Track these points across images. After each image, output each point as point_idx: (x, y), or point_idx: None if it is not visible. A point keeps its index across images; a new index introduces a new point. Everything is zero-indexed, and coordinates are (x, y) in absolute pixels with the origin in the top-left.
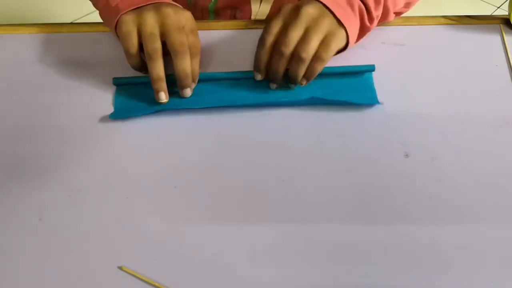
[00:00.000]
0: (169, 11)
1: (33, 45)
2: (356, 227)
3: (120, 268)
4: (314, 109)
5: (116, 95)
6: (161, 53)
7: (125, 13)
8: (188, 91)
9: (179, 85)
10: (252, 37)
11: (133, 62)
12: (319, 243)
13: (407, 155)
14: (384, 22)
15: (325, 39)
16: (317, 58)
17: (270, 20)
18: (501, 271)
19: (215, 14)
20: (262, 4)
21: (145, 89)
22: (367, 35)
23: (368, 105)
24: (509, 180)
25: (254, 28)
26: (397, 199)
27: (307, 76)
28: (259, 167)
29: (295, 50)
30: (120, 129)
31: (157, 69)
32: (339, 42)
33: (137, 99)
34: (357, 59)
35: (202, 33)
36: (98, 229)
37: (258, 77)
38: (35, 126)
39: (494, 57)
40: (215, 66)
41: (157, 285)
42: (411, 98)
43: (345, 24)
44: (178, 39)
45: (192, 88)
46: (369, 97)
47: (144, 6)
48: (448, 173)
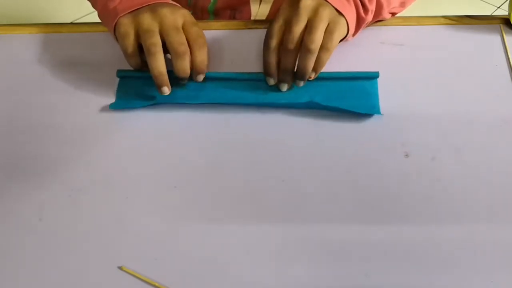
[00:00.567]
0: (166, 11)
1: (33, 45)
2: (356, 227)
3: (120, 268)
4: (314, 109)
5: (118, 87)
6: (160, 47)
7: (122, 16)
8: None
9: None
10: (252, 37)
11: (133, 62)
12: (319, 243)
13: (407, 155)
14: (379, 19)
15: (328, 28)
16: (322, 48)
17: (270, 22)
18: (501, 271)
19: (214, 14)
20: (261, 4)
21: (146, 81)
22: (363, 27)
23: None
24: (509, 180)
25: (254, 28)
26: (397, 199)
27: (315, 68)
28: (259, 167)
29: (303, 42)
30: (120, 129)
31: (157, 64)
32: (341, 30)
33: (139, 91)
34: (357, 59)
35: None
36: (98, 229)
37: (271, 82)
38: (35, 126)
39: (494, 57)
40: (215, 66)
41: (157, 285)
42: (411, 98)
43: (343, 12)
44: (176, 38)
45: (201, 78)
46: (370, 105)
47: (140, 8)
48: (448, 173)
